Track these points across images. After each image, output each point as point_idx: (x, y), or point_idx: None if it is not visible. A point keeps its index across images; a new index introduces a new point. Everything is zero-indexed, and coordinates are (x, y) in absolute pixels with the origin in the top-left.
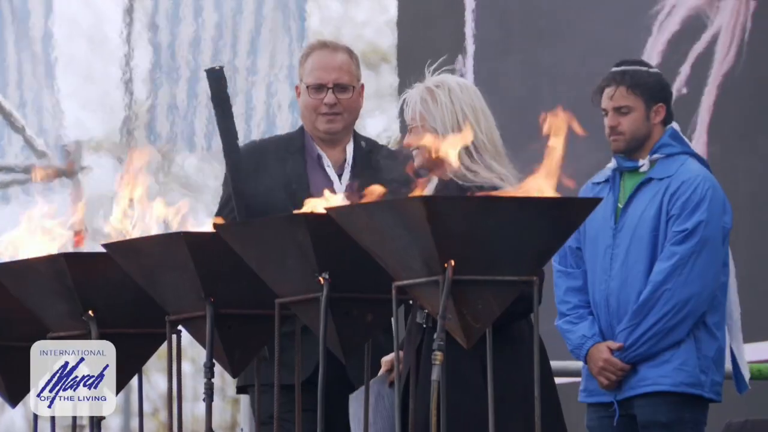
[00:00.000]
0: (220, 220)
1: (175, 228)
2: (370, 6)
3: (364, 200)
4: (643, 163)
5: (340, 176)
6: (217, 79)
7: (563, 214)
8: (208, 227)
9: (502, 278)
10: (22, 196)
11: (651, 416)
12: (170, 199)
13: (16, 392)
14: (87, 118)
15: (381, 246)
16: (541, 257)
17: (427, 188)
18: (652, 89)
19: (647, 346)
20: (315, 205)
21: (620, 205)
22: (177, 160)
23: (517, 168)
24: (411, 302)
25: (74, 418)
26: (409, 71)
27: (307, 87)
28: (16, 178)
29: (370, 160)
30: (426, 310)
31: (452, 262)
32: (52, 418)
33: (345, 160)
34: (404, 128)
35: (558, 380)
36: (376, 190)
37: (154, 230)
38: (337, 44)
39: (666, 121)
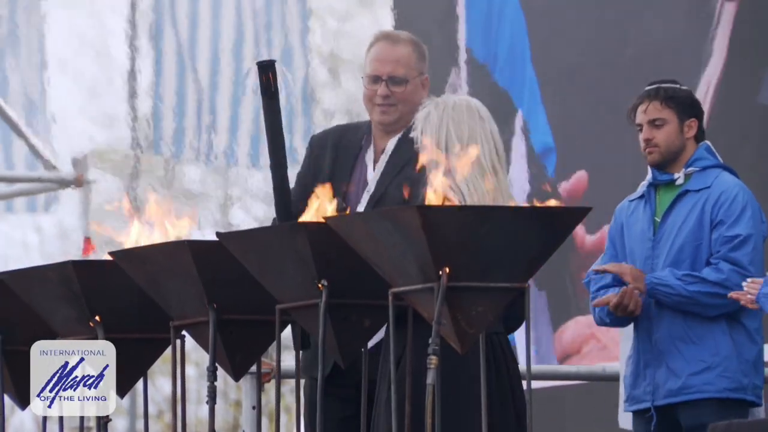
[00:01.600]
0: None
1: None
2: (367, 22)
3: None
4: (679, 176)
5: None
6: (267, 72)
7: (554, 223)
8: (211, 236)
9: (496, 285)
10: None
11: (696, 419)
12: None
13: (26, 394)
14: (94, 130)
15: (378, 253)
16: (533, 265)
17: None
18: (685, 104)
19: (680, 299)
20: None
21: (657, 219)
22: (180, 170)
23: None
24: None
25: (81, 420)
26: None
27: (364, 77)
28: (22, 188)
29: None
30: None
31: (447, 270)
32: (60, 420)
33: (384, 150)
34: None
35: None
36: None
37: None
38: (400, 36)
39: (698, 138)
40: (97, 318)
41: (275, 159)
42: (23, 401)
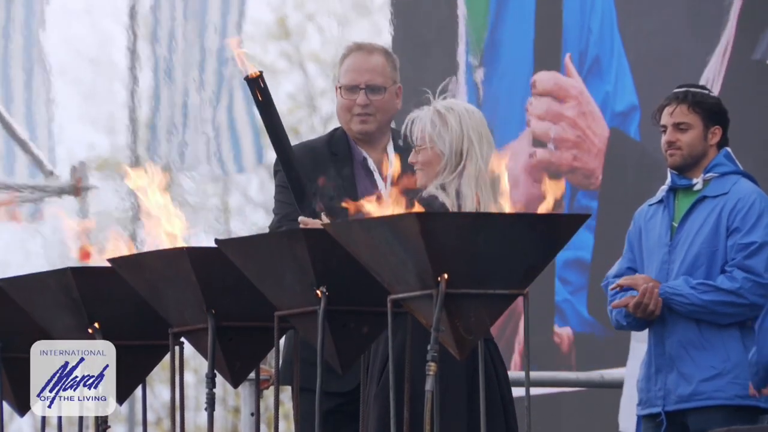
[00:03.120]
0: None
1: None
2: (366, 29)
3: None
4: (697, 181)
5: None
6: (256, 85)
7: (552, 230)
8: (209, 243)
9: (494, 292)
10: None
11: (706, 426)
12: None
13: (24, 401)
14: (93, 138)
15: (377, 260)
16: (531, 271)
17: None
18: (711, 111)
19: (694, 308)
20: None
21: (675, 224)
22: (177, 179)
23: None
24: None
25: (80, 427)
26: (403, 90)
27: (341, 88)
28: (23, 196)
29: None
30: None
31: (446, 276)
32: (59, 427)
33: (386, 161)
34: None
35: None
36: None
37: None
38: (374, 46)
39: (721, 145)
40: (96, 325)
41: (283, 160)
42: (22, 408)
